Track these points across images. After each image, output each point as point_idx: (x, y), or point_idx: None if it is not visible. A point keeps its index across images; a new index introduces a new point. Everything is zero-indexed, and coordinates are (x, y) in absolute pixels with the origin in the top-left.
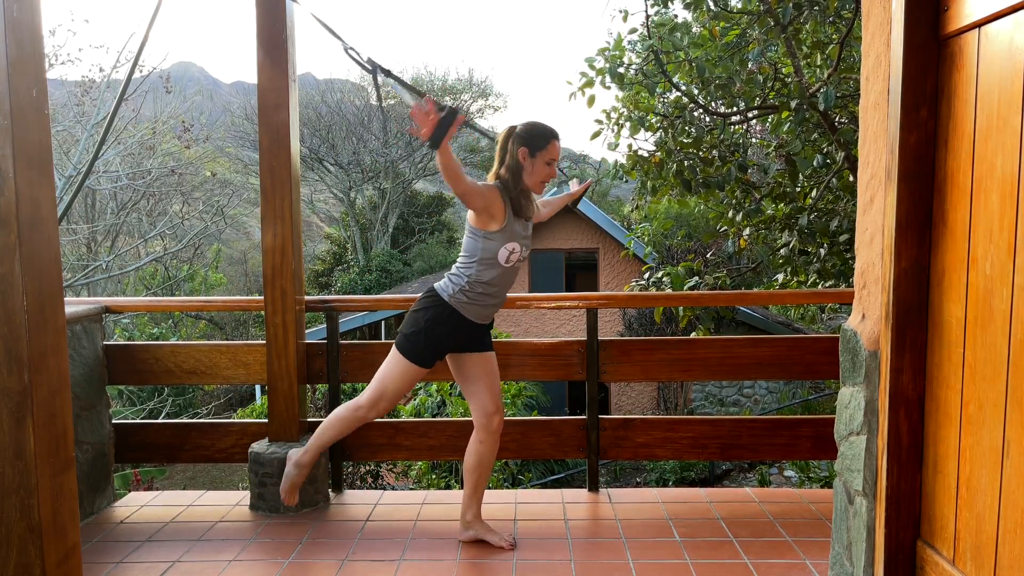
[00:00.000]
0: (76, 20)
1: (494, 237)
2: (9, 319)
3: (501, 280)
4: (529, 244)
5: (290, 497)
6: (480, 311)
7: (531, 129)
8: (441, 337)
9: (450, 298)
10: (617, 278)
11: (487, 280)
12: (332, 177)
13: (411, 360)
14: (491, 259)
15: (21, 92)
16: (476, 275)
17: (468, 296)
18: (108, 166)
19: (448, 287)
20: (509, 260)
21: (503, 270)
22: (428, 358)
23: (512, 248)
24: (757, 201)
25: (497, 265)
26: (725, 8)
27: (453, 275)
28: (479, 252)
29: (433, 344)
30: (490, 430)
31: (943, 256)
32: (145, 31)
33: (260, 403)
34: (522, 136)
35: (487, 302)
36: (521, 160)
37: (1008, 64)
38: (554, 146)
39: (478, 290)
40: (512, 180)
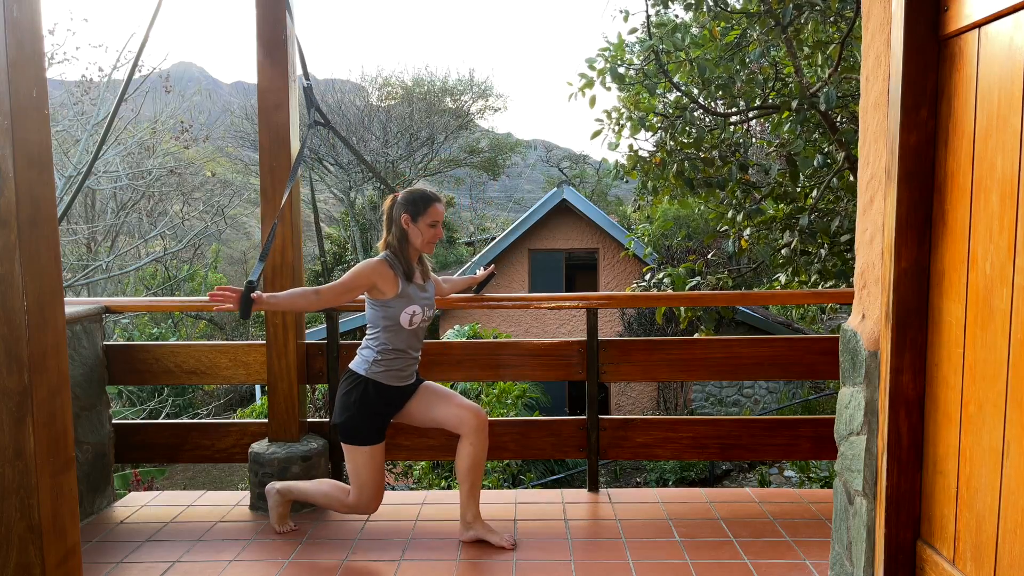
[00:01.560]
0: (75, 19)
1: (392, 304)
2: (9, 319)
3: (410, 342)
4: (432, 304)
5: (281, 525)
6: (398, 375)
7: (411, 196)
8: (374, 411)
9: (367, 372)
10: (617, 278)
11: (395, 346)
12: (332, 177)
13: (360, 444)
14: (395, 325)
15: (21, 92)
16: (384, 343)
17: (383, 365)
18: (108, 166)
19: (362, 364)
20: (412, 323)
21: (408, 332)
22: (374, 435)
23: (413, 311)
24: (757, 201)
25: (402, 329)
26: (725, 8)
27: (364, 350)
28: (381, 321)
29: (371, 421)
30: (478, 429)
31: (943, 256)
32: (145, 31)
33: (260, 403)
34: (403, 204)
35: (402, 364)
36: (405, 226)
37: (1008, 64)
38: (435, 209)
39: (390, 356)
40: (399, 246)
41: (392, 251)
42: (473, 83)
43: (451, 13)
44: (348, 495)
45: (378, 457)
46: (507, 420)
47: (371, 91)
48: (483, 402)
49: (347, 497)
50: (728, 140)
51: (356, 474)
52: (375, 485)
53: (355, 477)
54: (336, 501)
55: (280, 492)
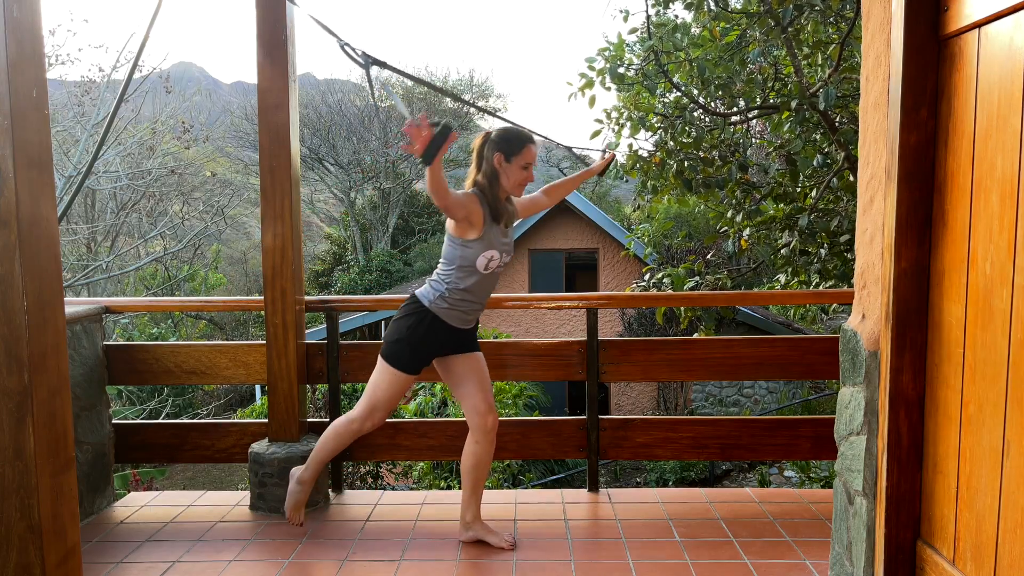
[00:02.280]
0: (76, 20)
1: (472, 245)
2: (9, 319)
3: (481, 286)
4: (510, 250)
5: (295, 515)
6: (461, 316)
7: (506, 134)
8: (424, 344)
9: (431, 304)
10: (617, 278)
11: (466, 287)
12: (332, 177)
13: (398, 368)
14: (470, 266)
15: (21, 92)
16: (455, 282)
17: (448, 302)
18: (108, 166)
19: (429, 293)
20: (488, 267)
21: (482, 276)
22: (414, 365)
23: (491, 256)
24: (757, 201)
25: (476, 272)
26: (725, 8)
27: (433, 281)
28: (458, 259)
29: (417, 351)
30: (485, 430)
31: (943, 256)
32: (145, 31)
33: (260, 403)
34: (497, 142)
35: (467, 308)
36: (497, 166)
37: (1008, 64)
38: (529, 150)
39: (457, 296)
40: (489, 186)
41: (481, 190)
42: (473, 83)
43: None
44: (352, 418)
45: (404, 386)
46: (507, 420)
47: (368, 88)
48: None
49: (351, 419)
50: (728, 140)
51: (375, 392)
52: (387, 409)
53: (372, 394)
54: (345, 433)
55: (300, 481)
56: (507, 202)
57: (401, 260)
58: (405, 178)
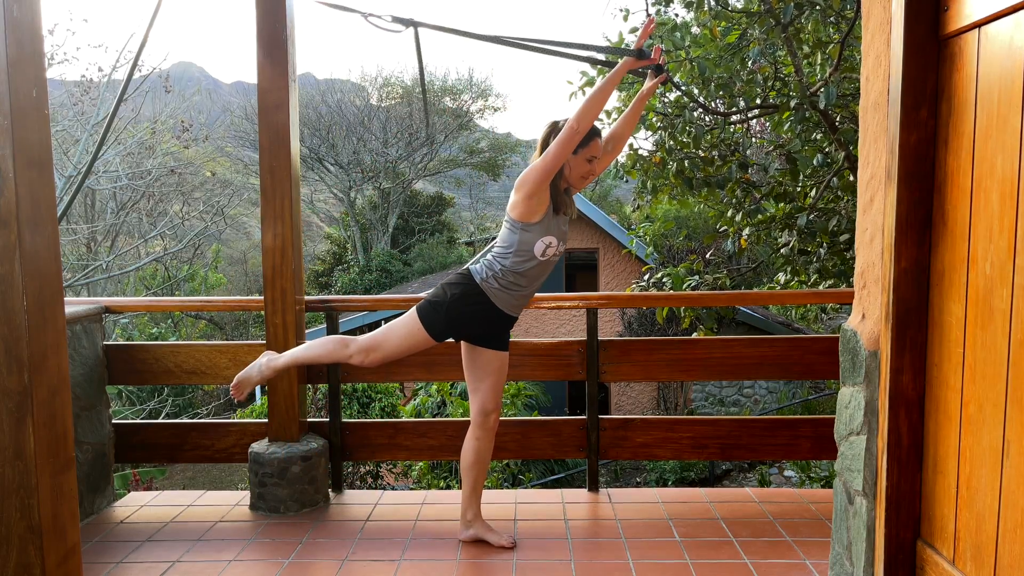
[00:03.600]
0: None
1: (532, 229)
2: (9, 319)
3: (535, 272)
4: (566, 240)
5: (238, 391)
6: (509, 300)
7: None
8: (462, 317)
9: (482, 282)
10: (617, 278)
11: (521, 271)
12: (332, 177)
13: (424, 325)
14: (527, 251)
15: (21, 92)
16: (511, 265)
17: (500, 283)
18: (108, 166)
19: (482, 271)
20: (545, 254)
21: (538, 263)
22: (442, 331)
23: (549, 242)
24: (757, 201)
25: (533, 258)
26: (726, 8)
27: (488, 261)
28: (516, 244)
29: (452, 320)
30: (486, 427)
31: (943, 256)
32: (145, 31)
33: (260, 403)
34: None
35: (518, 292)
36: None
37: (1008, 64)
38: (596, 144)
39: (510, 279)
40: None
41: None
42: (472, 83)
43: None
44: (347, 343)
45: (420, 346)
46: (507, 420)
47: (371, 91)
48: None
49: (347, 343)
50: (728, 139)
51: (388, 333)
52: (390, 354)
53: (384, 334)
54: (335, 354)
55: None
56: (566, 193)
57: (401, 260)
58: (405, 178)
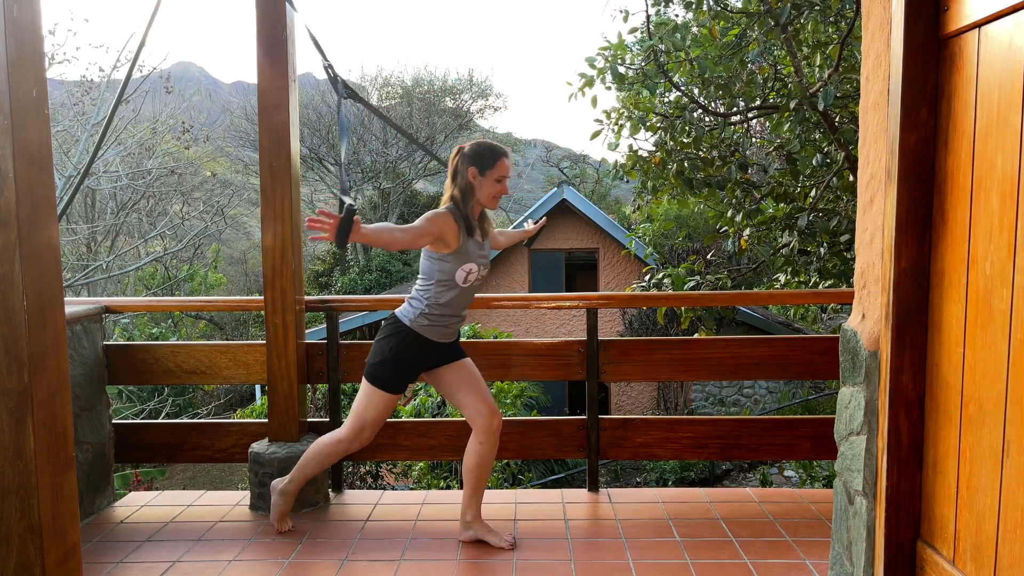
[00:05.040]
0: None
1: (449, 259)
2: (9, 319)
3: (460, 300)
4: (487, 263)
5: (281, 524)
6: (442, 331)
7: (479, 148)
8: (408, 362)
9: (411, 323)
10: (617, 278)
11: (446, 301)
12: (332, 177)
13: (383, 389)
14: (448, 280)
15: (21, 92)
16: (435, 297)
17: (429, 319)
18: (108, 166)
19: (409, 312)
20: (467, 280)
21: (461, 290)
22: (399, 385)
23: (469, 268)
24: (757, 201)
25: (455, 286)
26: (725, 8)
27: (413, 299)
28: (436, 274)
29: (401, 370)
30: (490, 431)
31: (943, 256)
32: (144, 31)
33: (260, 403)
34: (470, 156)
35: (448, 322)
36: (471, 179)
37: (1008, 64)
38: (503, 164)
39: (438, 312)
40: (464, 200)
41: (455, 204)
42: (473, 82)
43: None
44: (339, 439)
45: (391, 405)
46: (507, 420)
47: (371, 91)
48: None
49: (339, 439)
50: (728, 140)
51: (363, 412)
52: (375, 427)
53: (360, 415)
54: (331, 452)
55: (283, 492)
56: (483, 215)
57: (401, 260)
58: (405, 178)
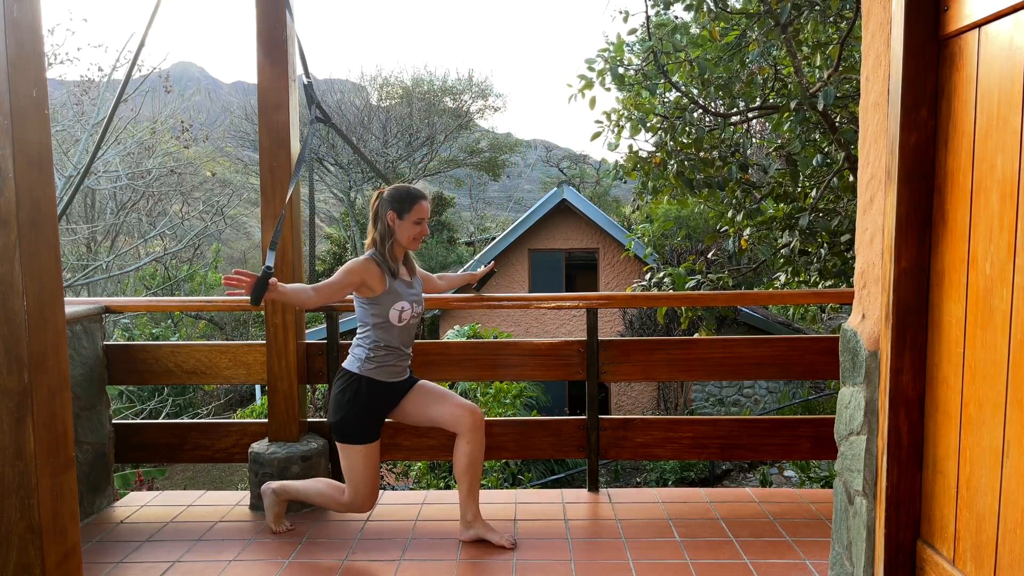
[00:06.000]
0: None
1: (380, 301)
2: (9, 319)
3: (401, 337)
4: (420, 300)
5: (277, 525)
6: (392, 371)
7: (396, 193)
8: (368, 408)
9: (360, 371)
10: (617, 278)
11: (387, 343)
12: (332, 177)
13: (357, 443)
14: (384, 322)
15: (21, 92)
16: (375, 340)
17: (375, 362)
18: (108, 166)
19: (355, 362)
20: (402, 319)
21: (399, 329)
22: (370, 433)
23: (402, 307)
24: (757, 201)
25: (392, 326)
26: (725, 9)
27: (356, 348)
28: (371, 319)
29: (365, 419)
30: (474, 428)
31: (943, 256)
32: (144, 31)
33: (260, 403)
34: (389, 200)
35: (395, 361)
36: (391, 223)
37: (1008, 64)
38: (421, 206)
39: (382, 353)
40: (383, 243)
41: (377, 248)
42: (472, 83)
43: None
44: (343, 494)
45: (372, 456)
46: (507, 420)
47: (371, 91)
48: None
49: (342, 496)
50: (728, 140)
51: (351, 473)
52: (370, 484)
53: (350, 476)
54: (332, 500)
55: (276, 492)
56: (406, 256)
57: None
58: (405, 178)
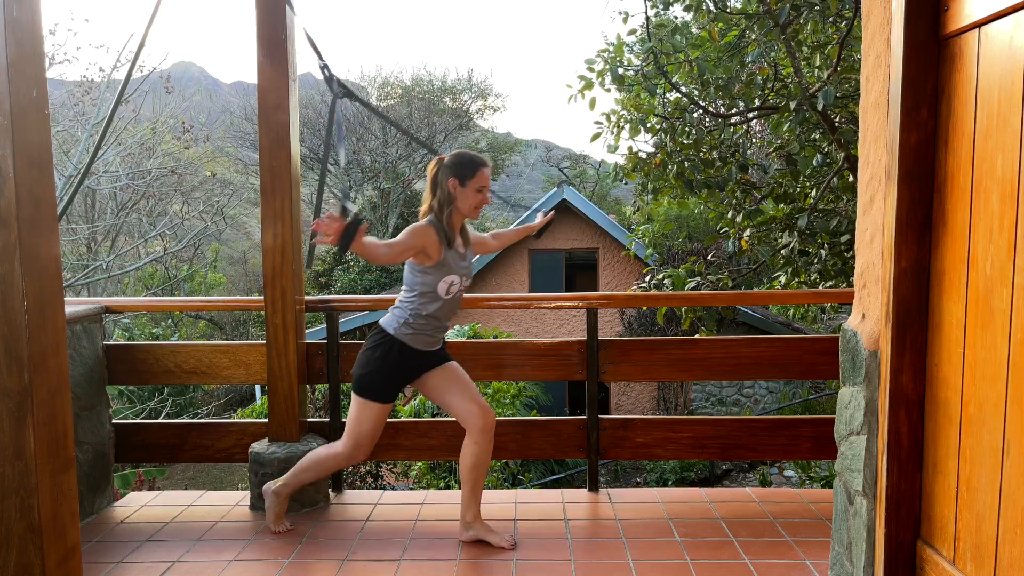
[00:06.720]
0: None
1: (431, 271)
2: (9, 319)
3: (443, 311)
4: (470, 274)
5: (277, 525)
6: (427, 340)
7: (458, 159)
8: (395, 371)
9: (396, 332)
10: (617, 278)
11: (429, 312)
12: (332, 177)
13: (374, 400)
14: (431, 292)
15: (21, 92)
16: (419, 308)
17: (413, 328)
18: (108, 166)
19: (393, 322)
20: (449, 292)
21: (444, 302)
22: (389, 394)
23: (451, 280)
24: (757, 201)
25: (438, 298)
26: (724, 10)
27: (397, 309)
28: (419, 286)
29: (389, 380)
30: (484, 430)
31: (943, 256)
32: (144, 31)
33: (260, 403)
34: (450, 167)
35: (432, 332)
36: (452, 190)
37: (1008, 64)
38: (483, 174)
39: (422, 322)
40: (443, 211)
41: (436, 215)
42: (472, 83)
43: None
44: (335, 451)
45: (384, 415)
46: (507, 420)
47: (371, 91)
48: None
49: (336, 452)
50: (728, 141)
51: (357, 425)
52: (371, 439)
53: (354, 428)
54: (327, 464)
55: (276, 493)
56: (463, 226)
57: None
58: (405, 178)
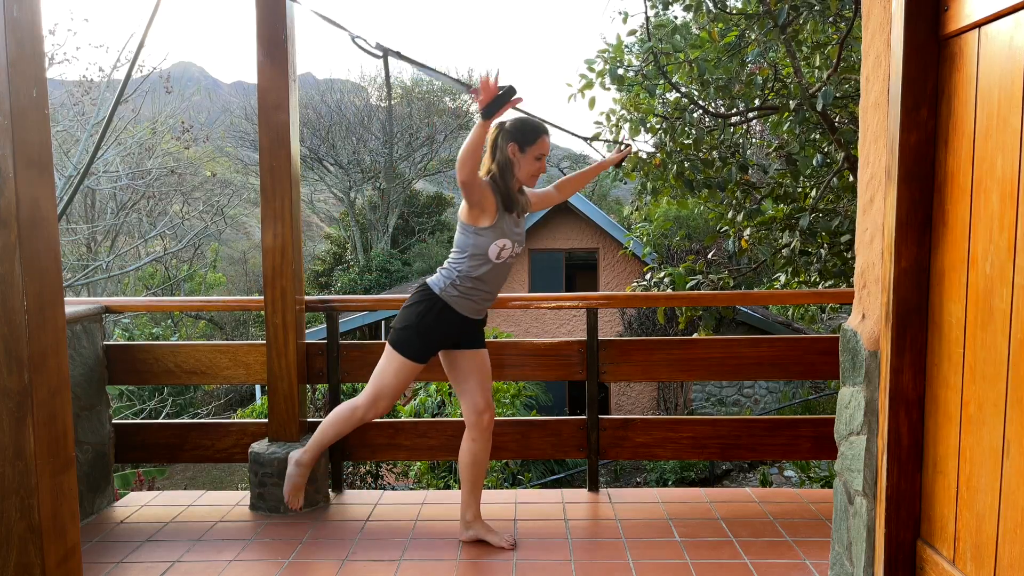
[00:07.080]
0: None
1: (484, 233)
2: (9, 319)
3: (492, 276)
4: (522, 240)
5: (294, 499)
6: (472, 306)
7: (521, 125)
8: (434, 332)
9: (441, 292)
10: (617, 278)
11: (478, 276)
12: (332, 177)
13: (406, 356)
14: (482, 255)
15: (21, 92)
16: (467, 270)
17: (459, 290)
18: (108, 166)
19: (440, 281)
20: (500, 256)
21: (494, 266)
22: (422, 353)
23: (503, 244)
24: (758, 201)
25: (488, 261)
26: (724, 10)
27: (444, 269)
28: (470, 248)
29: (426, 339)
30: (481, 427)
31: (943, 256)
32: (144, 31)
33: (260, 403)
34: (511, 132)
35: (478, 297)
36: (511, 155)
37: (1008, 64)
38: (544, 141)
39: (468, 285)
40: (502, 176)
41: (493, 179)
42: (472, 82)
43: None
44: (356, 406)
45: (411, 375)
46: (507, 420)
47: (371, 91)
48: None
49: (356, 406)
50: (728, 141)
51: (381, 379)
52: (393, 396)
53: (379, 379)
54: (348, 418)
55: (298, 462)
56: (520, 192)
57: (401, 260)
58: (405, 178)
